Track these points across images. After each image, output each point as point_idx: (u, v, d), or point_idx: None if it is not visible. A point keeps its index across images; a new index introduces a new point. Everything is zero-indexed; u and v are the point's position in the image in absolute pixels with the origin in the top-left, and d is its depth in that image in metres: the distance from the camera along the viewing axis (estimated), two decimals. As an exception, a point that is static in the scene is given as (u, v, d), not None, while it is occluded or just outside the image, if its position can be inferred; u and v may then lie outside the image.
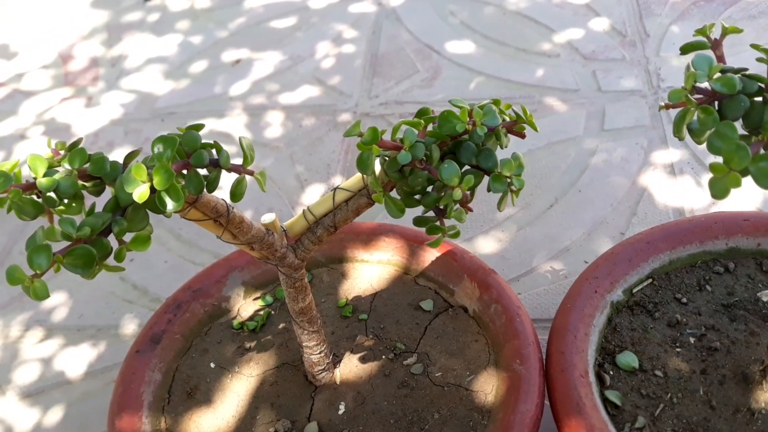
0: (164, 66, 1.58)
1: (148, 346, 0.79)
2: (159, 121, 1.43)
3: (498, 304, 0.79)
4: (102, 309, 1.09)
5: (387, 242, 0.89)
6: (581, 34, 1.49)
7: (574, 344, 0.74)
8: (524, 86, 1.39)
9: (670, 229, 0.84)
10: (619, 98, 1.33)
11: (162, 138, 0.47)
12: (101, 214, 0.51)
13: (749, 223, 0.83)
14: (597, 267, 0.81)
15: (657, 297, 0.81)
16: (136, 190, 0.46)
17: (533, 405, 0.70)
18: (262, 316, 0.84)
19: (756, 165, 0.47)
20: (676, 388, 0.72)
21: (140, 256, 1.16)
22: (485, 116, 0.57)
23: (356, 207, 0.64)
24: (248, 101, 1.45)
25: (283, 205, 1.22)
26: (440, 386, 0.76)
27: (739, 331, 0.76)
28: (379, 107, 1.39)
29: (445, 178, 0.56)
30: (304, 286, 0.68)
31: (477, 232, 1.14)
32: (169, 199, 0.46)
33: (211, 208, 0.56)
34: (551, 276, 1.06)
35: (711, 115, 0.50)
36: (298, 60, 1.54)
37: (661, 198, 1.14)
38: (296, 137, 1.35)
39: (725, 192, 0.48)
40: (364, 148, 0.55)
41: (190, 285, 0.85)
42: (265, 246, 0.63)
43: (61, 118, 1.47)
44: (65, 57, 1.66)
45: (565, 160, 1.23)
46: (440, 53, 1.50)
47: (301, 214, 0.65)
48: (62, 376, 1.01)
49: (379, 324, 0.83)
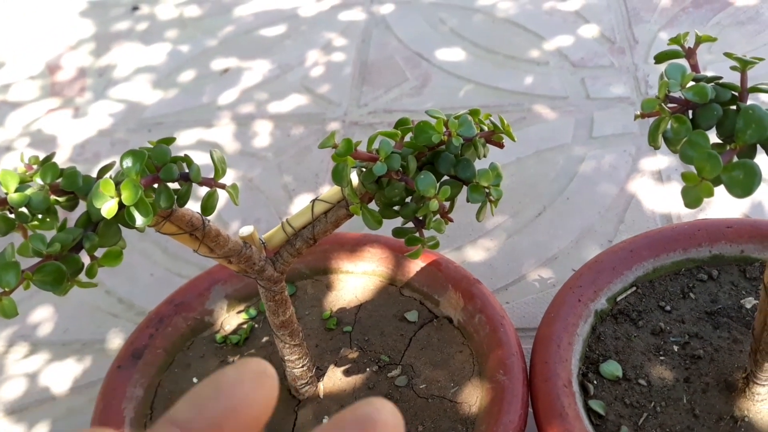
0: (152, 75, 1.58)
1: (130, 362, 0.79)
2: (146, 131, 1.42)
3: (482, 314, 0.79)
4: (87, 323, 1.09)
5: (372, 253, 0.89)
6: (570, 41, 1.49)
7: (558, 354, 0.74)
8: (513, 94, 1.39)
9: (653, 237, 0.83)
10: (607, 105, 1.33)
11: (131, 152, 0.47)
12: (72, 230, 0.50)
13: (732, 230, 0.83)
14: (581, 276, 0.81)
15: (641, 305, 0.80)
16: (104, 206, 0.45)
17: (516, 416, 0.69)
18: (245, 330, 0.84)
19: (728, 174, 0.47)
20: (659, 397, 0.72)
21: (126, 270, 1.16)
22: (461, 127, 0.57)
23: (335, 219, 0.63)
24: (236, 110, 1.45)
25: (270, 215, 1.21)
26: (424, 398, 0.75)
27: (722, 338, 0.76)
28: (368, 116, 1.39)
29: (422, 189, 0.55)
30: (284, 299, 0.68)
31: (465, 240, 1.13)
32: (138, 214, 0.46)
33: (186, 222, 0.56)
34: (539, 284, 1.06)
35: (684, 124, 0.50)
36: (286, 68, 1.54)
37: (649, 205, 1.13)
38: (284, 147, 1.35)
39: (698, 201, 0.48)
40: (339, 159, 0.55)
41: (172, 299, 0.85)
42: (242, 259, 0.62)
43: (47, 130, 1.47)
44: (52, 67, 1.65)
45: (553, 168, 1.23)
46: (430, 61, 1.50)
47: (280, 226, 0.65)
48: (47, 392, 1.00)
49: (363, 336, 0.82)
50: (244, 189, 1.27)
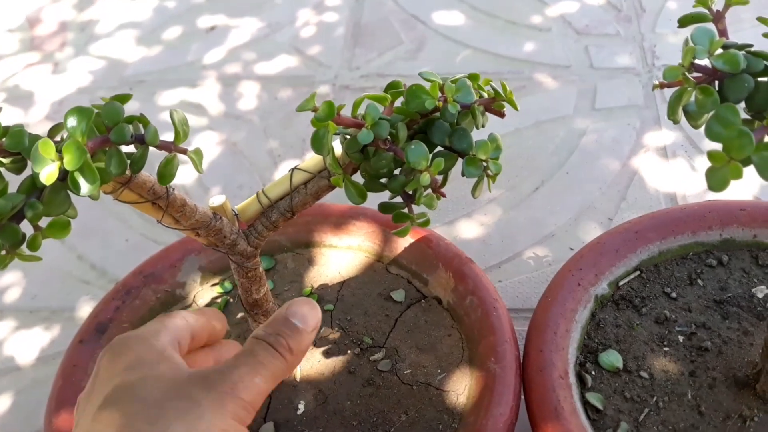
0: (136, 31, 1.51)
1: (93, 336, 0.73)
2: (127, 89, 1.35)
3: (474, 296, 0.73)
4: (57, 290, 1.03)
5: (358, 226, 0.83)
6: (575, 7, 1.42)
7: (554, 341, 0.69)
8: (513, 61, 1.32)
9: (660, 218, 0.78)
10: (611, 76, 1.26)
11: (77, 109, 0.41)
12: (12, 196, 0.44)
13: (745, 213, 0.77)
14: (581, 257, 0.75)
15: (645, 291, 0.75)
16: (43, 170, 0.39)
17: (507, 408, 0.64)
18: (219, 305, 0.78)
19: (759, 154, 0.41)
20: (662, 392, 0.67)
21: (99, 234, 1.10)
22: (458, 92, 0.51)
23: (316, 190, 0.58)
24: (222, 70, 1.38)
25: (254, 182, 1.15)
26: (409, 385, 0.70)
27: (731, 329, 0.70)
28: (359, 80, 1.32)
29: (412, 161, 0.49)
30: (258, 275, 0.62)
31: (459, 215, 1.07)
32: (84, 181, 0.40)
33: (148, 190, 0.50)
34: (534, 263, 1.00)
35: (711, 96, 0.44)
36: (276, 28, 1.47)
37: (653, 182, 1.08)
38: (271, 110, 1.28)
39: (724, 184, 0.42)
40: (319, 125, 0.48)
41: (141, 269, 0.79)
42: (212, 232, 0.56)
43: (25, 85, 1.40)
44: (33, 21, 1.57)
45: (553, 141, 1.17)
46: (426, 24, 1.43)
47: (255, 196, 0.59)
48: (12, 362, 0.95)
49: (345, 315, 0.77)
50: (227, 153, 1.20)
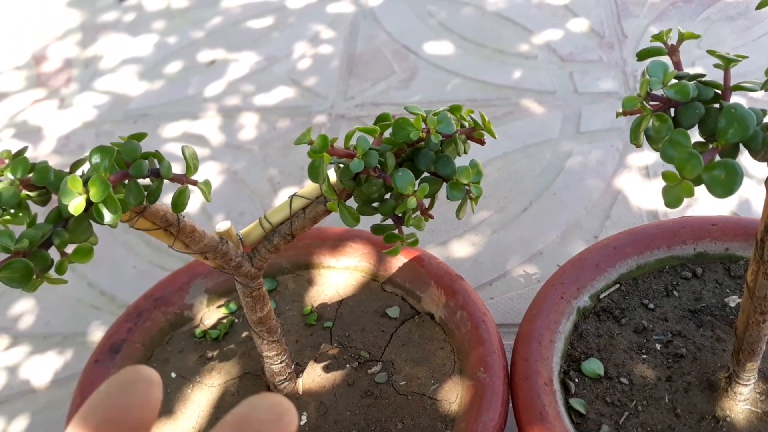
0: (139, 67, 1.57)
1: (108, 356, 0.78)
2: (131, 123, 1.41)
3: (464, 311, 0.78)
4: (69, 316, 1.08)
5: (354, 248, 0.88)
6: (559, 35, 1.48)
7: (539, 351, 0.73)
8: (501, 88, 1.38)
9: (637, 234, 0.83)
10: (595, 100, 1.32)
11: (99, 148, 0.46)
12: (41, 226, 0.49)
13: (717, 227, 0.82)
14: (564, 272, 0.80)
15: (624, 303, 0.80)
16: (71, 203, 0.45)
17: (496, 414, 0.69)
18: (225, 325, 0.83)
19: (709, 173, 0.46)
20: (641, 396, 0.72)
21: (109, 262, 1.15)
22: (439, 124, 0.56)
23: (314, 215, 0.63)
24: (222, 102, 1.43)
25: (255, 208, 1.20)
26: (404, 395, 0.75)
27: (705, 337, 0.75)
28: (354, 109, 1.38)
29: (399, 186, 0.55)
30: (261, 295, 0.67)
31: (451, 235, 1.12)
32: (107, 211, 0.45)
33: (161, 218, 0.55)
34: (524, 280, 1.05)
35: (666, 122, 0.49)
36: (273, 61, 1.53)
37: (635, 201, 1.13)
38: (270, 139, 1.34)
39: (678, 201, 0.47)
40: (315, 156, 0.54)
41: (151, 293, 0.84)
42: (219, 255, 0.61)
43: (33, 121, 1.46)
44: (38, 58, 1.63)
45: (540, 163, 1.22)
46: (417, 54, 1.49)
47: (258, 222, 0.64)
48: (27, 385, 0.99)
49: (344, 332, 0.82)
50: (228, 182, 1.26)
